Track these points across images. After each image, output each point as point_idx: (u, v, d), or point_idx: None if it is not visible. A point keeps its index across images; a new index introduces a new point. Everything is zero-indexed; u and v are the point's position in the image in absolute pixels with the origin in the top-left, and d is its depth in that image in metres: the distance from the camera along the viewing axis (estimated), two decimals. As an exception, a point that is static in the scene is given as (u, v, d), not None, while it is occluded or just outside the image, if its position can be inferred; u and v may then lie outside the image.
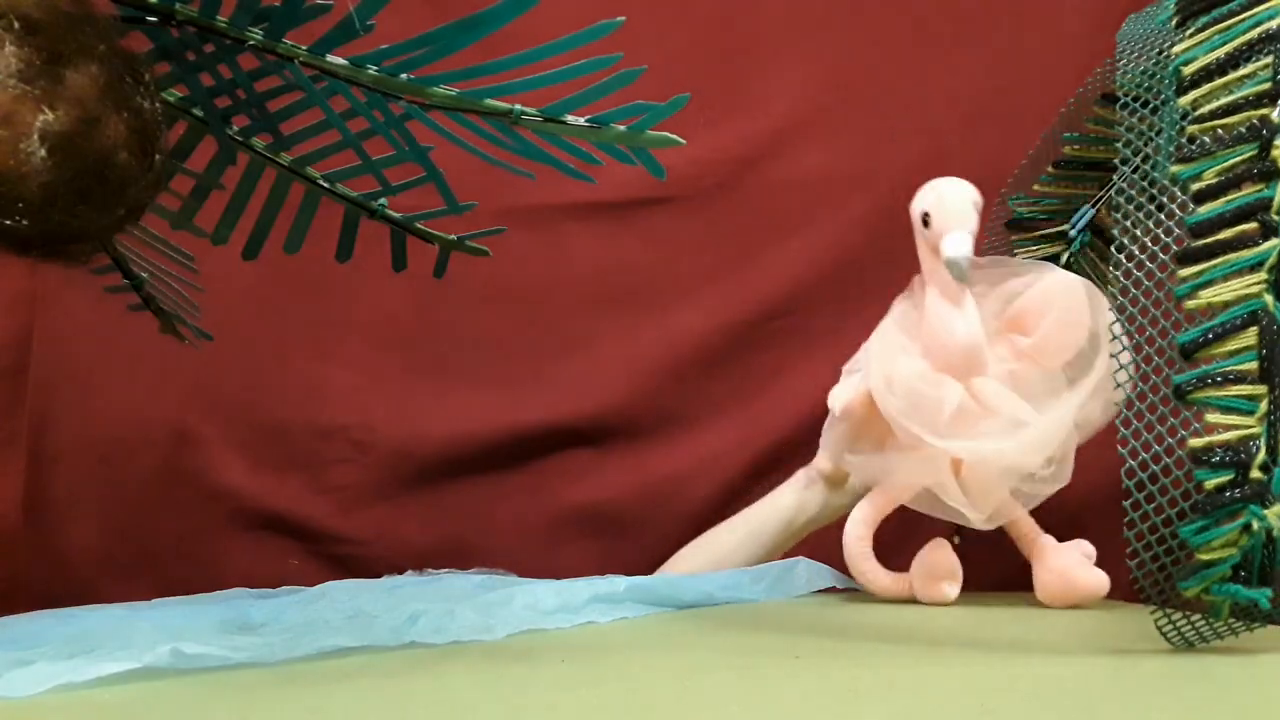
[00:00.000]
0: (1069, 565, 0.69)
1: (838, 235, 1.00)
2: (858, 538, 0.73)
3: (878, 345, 0.73)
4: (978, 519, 0.68)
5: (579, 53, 0.56)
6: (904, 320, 0.73)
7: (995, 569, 0.87)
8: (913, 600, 0.73)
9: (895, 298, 0.77)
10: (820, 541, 0.83)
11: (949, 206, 0.67)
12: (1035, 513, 0.94)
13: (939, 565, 0.72)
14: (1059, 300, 0.67)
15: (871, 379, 0.70)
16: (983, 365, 0.67)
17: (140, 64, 0.51)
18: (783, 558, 0.80)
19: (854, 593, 0.79)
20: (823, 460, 0.81)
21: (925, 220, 0.68)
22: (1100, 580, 0.68)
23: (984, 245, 0.94)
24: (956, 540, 0.84)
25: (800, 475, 0.83)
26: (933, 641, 0.55)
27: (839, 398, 0.74)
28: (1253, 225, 0.50)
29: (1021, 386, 0.67)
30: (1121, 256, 0.54)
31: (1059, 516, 1.01)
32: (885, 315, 0.77)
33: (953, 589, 0.71)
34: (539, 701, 0.42)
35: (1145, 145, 0.57)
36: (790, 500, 0.82)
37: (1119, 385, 0.56)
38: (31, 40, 0.46)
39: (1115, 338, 0.59)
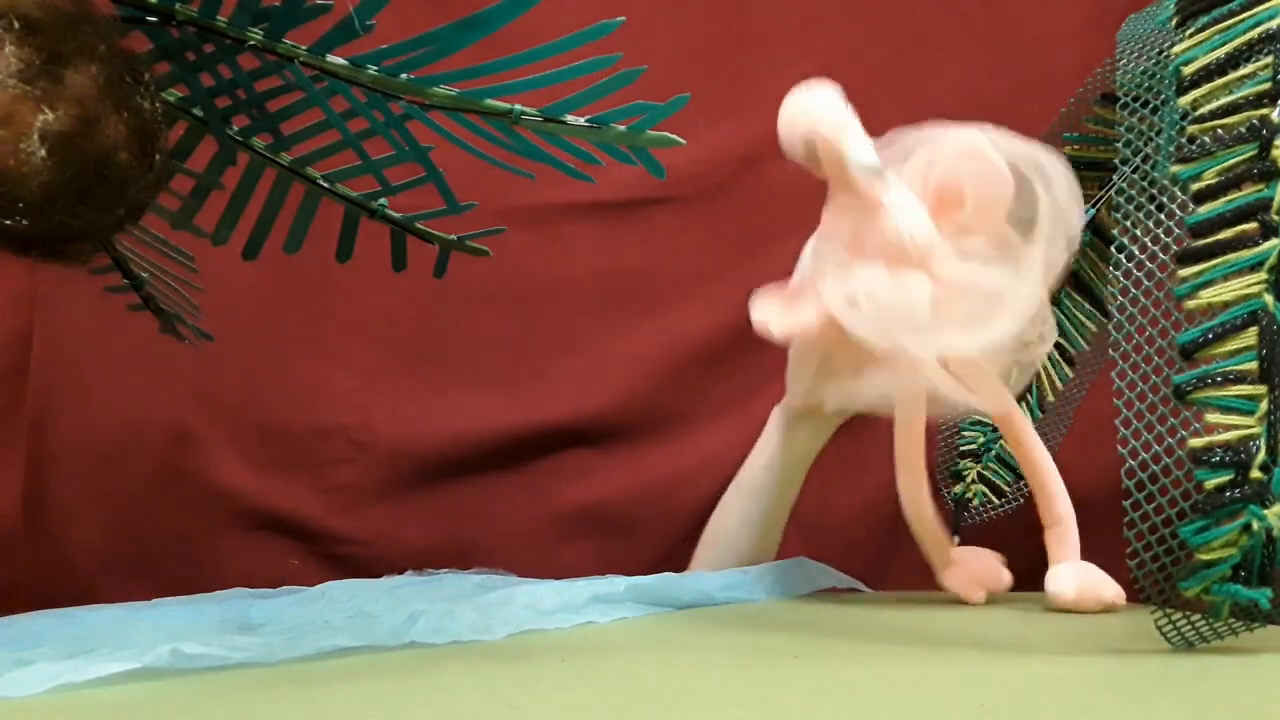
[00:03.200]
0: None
1: (837, 235, 1.00)
2: (915, 490, 0.69)
3: (820, 262, 0.65)
4: (987, 407, 0.65)
5: (579, 52, 0.56)
6: (833, 234, 0.65)
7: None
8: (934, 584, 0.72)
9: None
10: (820, 542, 0.83)
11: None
12: (1030, 508, 0.94)
13: (990, 578, 0.71)
14: (969, 161, 0.61)
15: (829, 299, 0.62)
16: (934, 247, 0.61)
17: (140, 64, 0.51)
18: (779, 557, 0.79)
19: (854, 593, 0.79)
20: (791, 397, 0.77)
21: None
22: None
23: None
24: (956, 540, 0.84)
25: (776, 414, 0.79)
26: (933, 641, 0.55)
27: (777, 320, 0.64)
28: (1253, 225, 0.50)
29: (975, 257, 0.61)
30: (1121, 256, 0.54)
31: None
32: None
33: (983, 597, 0.70)
34: (539, 701, 0.42)
35: (1145, 145, 0.57)
36: (776, 442, 0.78)
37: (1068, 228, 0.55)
38: (31, 40, 0.46)
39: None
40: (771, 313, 0.64)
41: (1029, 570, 1.04)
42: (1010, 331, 0.59)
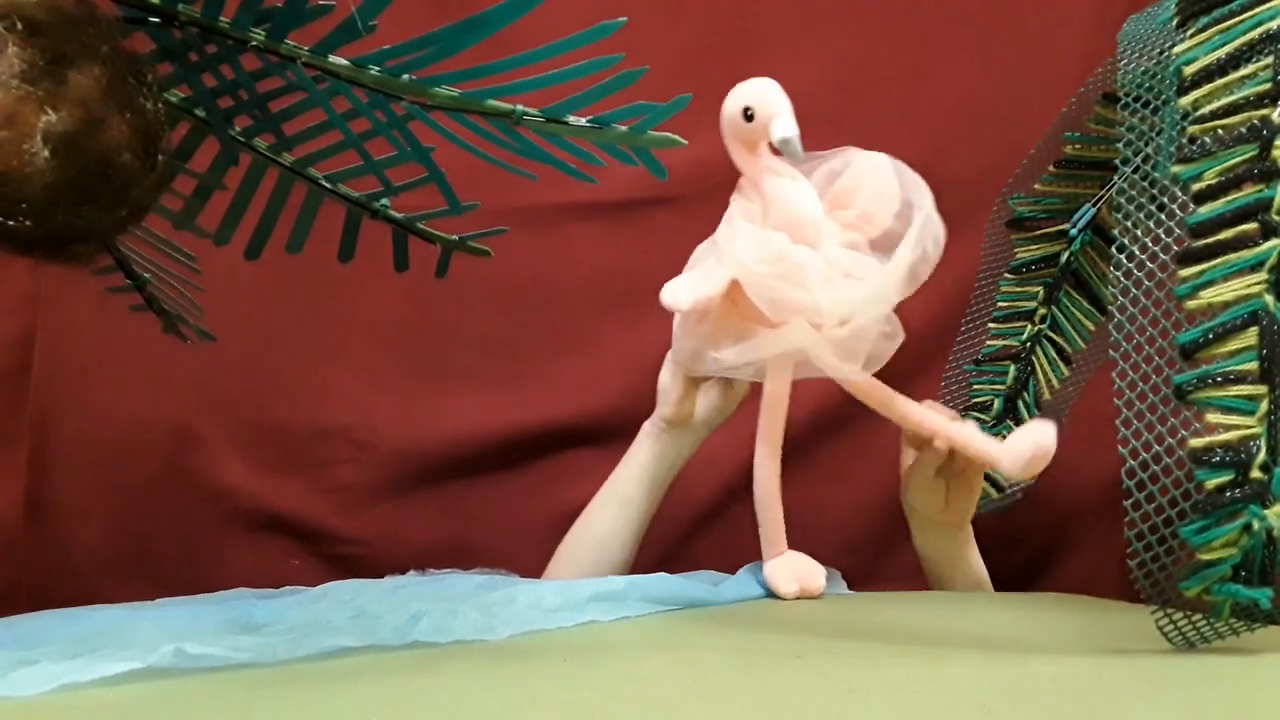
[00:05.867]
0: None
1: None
2: (770, 465, 0.74)
3: (732, 236, 0.71)
4: (850, 371, 0.68)
5: (581, 53, 0.56)
6: (747, 214, 0.72)
7: (996, 567, 0.88)
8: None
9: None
10: (817, 542, 0.83)
11: (770, 97, 0.69)
12: (1029, 508, 0.94)
13: (808, 578, 0.73)
14: (872, 176, 0.70)
15: (732, 265, 0.69)
16: (823, 235, 0.70)
17: (143, 65, 0.51)
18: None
19: (855, 593, 0.79)
20: (664, 409, 0.82)
21: (748, 115, 0.69)
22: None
23: (984, 244, 0.94)
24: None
25: (646, 428, 0.84)
26: (933, 641, 0.55)
27: (685, 293, 0.69)
28: (1253, 225, 0.50)
29: (858, 250, 0.70)
30: (1122, 256, 0.54)
31: (1054, 516, 1.01)
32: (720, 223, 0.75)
33: (794, 593, 0.72)
34: (541, 700, 0.42)
35: (1146, 145, 0.57)
36: (648, 455, 0.83)
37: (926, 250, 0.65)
38: (35, 41, 0.46)
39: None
40: (679, 289, 0.69)
41: (1025, 570, 1.05)
42: (876, 304, 0.67)
